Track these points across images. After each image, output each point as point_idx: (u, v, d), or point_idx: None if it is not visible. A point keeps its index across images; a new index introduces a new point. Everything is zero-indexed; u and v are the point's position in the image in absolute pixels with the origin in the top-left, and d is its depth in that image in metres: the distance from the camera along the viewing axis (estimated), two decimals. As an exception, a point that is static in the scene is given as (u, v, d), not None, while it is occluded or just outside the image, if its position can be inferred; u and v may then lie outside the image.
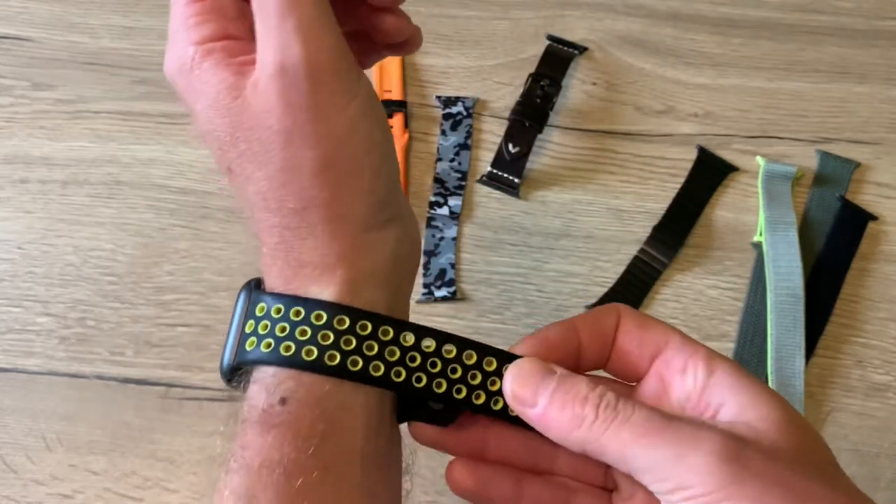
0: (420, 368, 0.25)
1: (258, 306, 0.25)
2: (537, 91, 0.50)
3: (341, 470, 0.23)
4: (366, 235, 0.25)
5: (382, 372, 0.24)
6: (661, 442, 0.23)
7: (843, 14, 0.54)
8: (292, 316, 0.24)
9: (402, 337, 0.25)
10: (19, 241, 0.47)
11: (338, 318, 0.24)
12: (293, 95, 0.23)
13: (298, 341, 0.24)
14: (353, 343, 0.24)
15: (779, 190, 0.48)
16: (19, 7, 0.54)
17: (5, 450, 0.42)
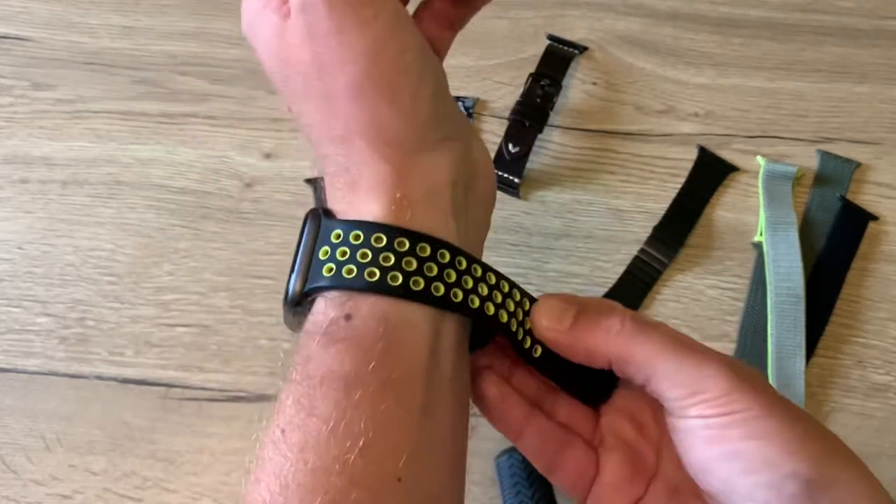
0: (473, 291, 0.26)
1: (320, 233, 0.26)
2: (537, 91, 0.50)
3: (402, 386, 0.24)
4: (416, 156, 0.26)
5: (443, 292, 0.25)
6: (682, 352, 0.26)
7: (843, 14, 0.54)
8: (352, 239, 0.25)
9: (456, 261, 0.25)
10: (19, 241, 0.47)
11: (398, 240, 0.25)
12: (317, 25, 0.24)
13: (360, 263, 0.24)
14: (414, 264, 0.25)
15: (779, 190, 0.48)
16: (19, 7, 0.54)
17: (5, 450, 0.42)
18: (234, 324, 0.44)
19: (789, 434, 0.25)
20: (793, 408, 0.26)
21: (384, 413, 0.23)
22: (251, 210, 0.48)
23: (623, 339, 0.27)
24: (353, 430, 0.23)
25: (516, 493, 0.39)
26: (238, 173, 0.49)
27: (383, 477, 0.23)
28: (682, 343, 0.26)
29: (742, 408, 0.25)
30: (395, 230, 0.25)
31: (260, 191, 0.48)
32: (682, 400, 0.26)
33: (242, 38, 0.28)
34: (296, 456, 0.23)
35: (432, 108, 0.26)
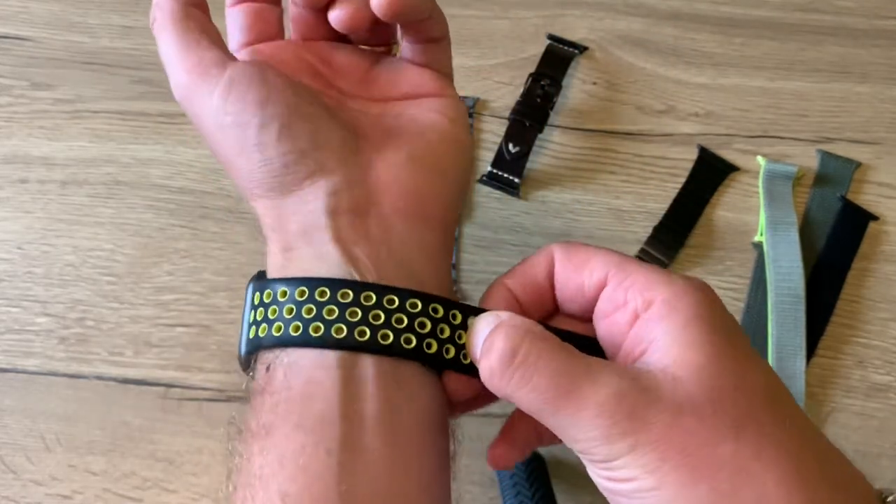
0: (385, 325, 0.25)
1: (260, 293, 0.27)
2: (537, 91, 0.50)
3: (314, 427, 0.24)
4: (284, 200, 0.27)
5: (345, 334, 0.25)
6: (562, 409, 0.23)
7: (844, 14, 0.54)
8: (258, 300, 0.26)
9: (363, 296, 0.25)
10: (18, 242, 0.47)
11: (280, 291, 0.26)
12: (187, 112, 0.28)
13: (269, 320, 0.26)
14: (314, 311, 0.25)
15: (780, 190, 0.48)
16: (18, 6, 0.54)
17: (4, 450, 0.41)
18: (234, 324, 0.44)
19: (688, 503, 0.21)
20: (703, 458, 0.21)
21: (297, 454, 0.23)
22: (251, 210, 0.47)
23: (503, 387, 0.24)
24: (271, 477, 0.23)
25: (516, 494, 0.39)
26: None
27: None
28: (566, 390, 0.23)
29: (629, 476, 0.22)
30: (290, 281, 0.26)
31: (260, 191, 0.48)
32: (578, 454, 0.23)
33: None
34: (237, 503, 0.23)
35: (282, 151, 0.27)
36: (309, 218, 0.27)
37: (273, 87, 0.27)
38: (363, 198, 0.27)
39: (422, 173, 0.28)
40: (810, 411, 0.43)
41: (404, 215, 0.28)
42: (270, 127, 0.26)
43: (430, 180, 0.29)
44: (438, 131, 0.30)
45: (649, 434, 0.22)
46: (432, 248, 0.28)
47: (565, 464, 0.41)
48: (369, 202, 0.27)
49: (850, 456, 0.42)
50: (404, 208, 0.28)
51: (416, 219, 0.28)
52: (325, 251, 0.26)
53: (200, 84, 0.27)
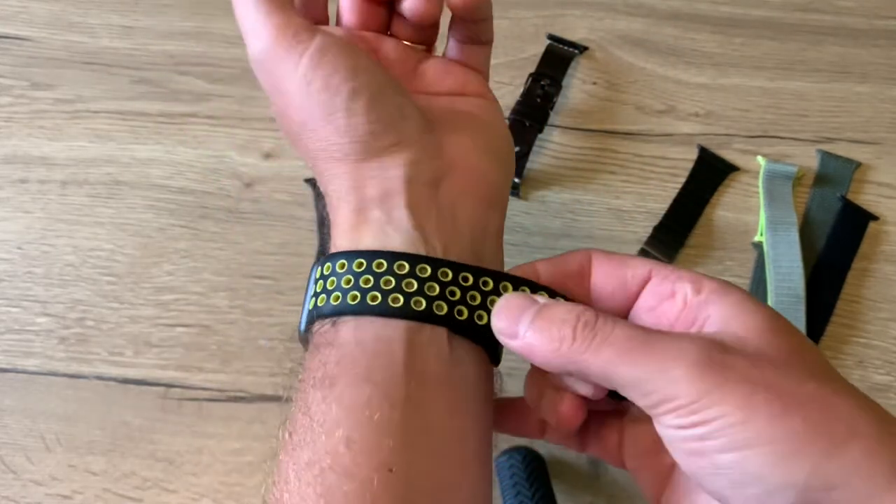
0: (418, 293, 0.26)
1: (321, 267, 0.28)
2: (537, 90, 0.50)
3: (381, 381, 0.25)
4: (365, 164, 0.28)
5: (401, 303, 0.26)
6: (641, 358, 0.23)
7: (844, 14, 0.54)
8: (325, 272, 0.27)
9: (418, 268, 0.26)
10: (18, 242, 0.47)
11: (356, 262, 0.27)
12: (262, 75, 0.29)
13: (328, 291, 0.27)
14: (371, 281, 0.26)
15: (780, 190, 0.48)
16: (18, 6, 0.54)
17: (4, 450, 0.41)
18: (234, 324, 0.44)
19: (777, 435, 0.21)
20: (790, 393, 0.22)
21: (364, 405, 0.24)
22: (251, 210, 0.47)
23: (574, 353, 0.24)
24: (337, 423, 0.24)
25: (516, 494, 0.39)
26: (238, 173, 0.49)
27: (373, 468, 0.23)
28: (642, 342, 0.23)
29: (716, 415, 0.22)
30: (352, 254, 0.27)
31: (259, 191, 0.48)
32: (653, 409, 0.23)
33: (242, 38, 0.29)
34: (296, 453, 0.24)
35: (370, 119, 0.27)
36: (387, 184, 0.28)
37: (362, 58, 0.28)
38: (439, 171, 0.29)
39: (487, 159, 0.30)
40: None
41: (472, 195, 0.29)
42: (362, 95, 0.27)
43: (493, 167, 0.30)
44: (493, 124, 0.32)
45: (734, 372, 0.22)
46: (492, 228, 0.30)
47: (565, 464, 0.41)
48: (443, 177, 0.29)
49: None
50: (473, 189, 0.29)
51: (481, 200, 0.29)
52: (398, 216, 0.27)
53: (288, 47, 0.27)
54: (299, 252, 0.46)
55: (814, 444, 0.21)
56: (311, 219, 0.47)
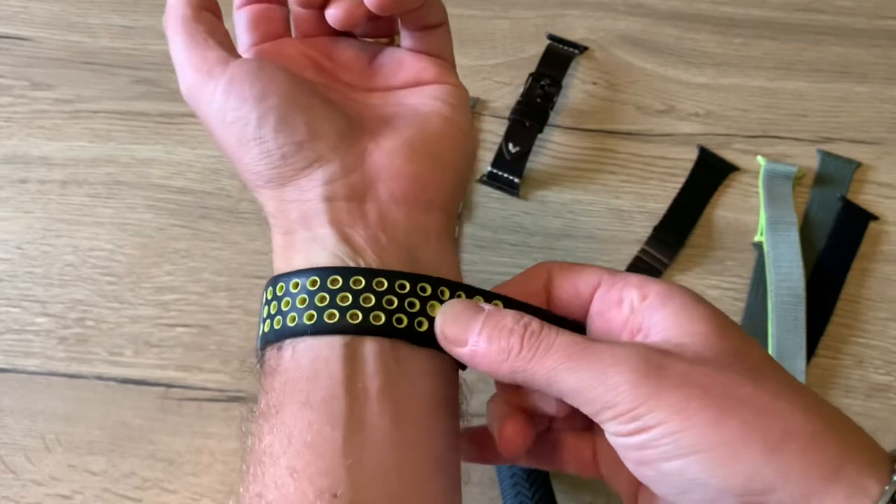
0: (354, 306, 0.26)
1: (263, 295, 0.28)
2: (537, 90, 0.50)
3: (319, 405, 0.24)
4: (284, 189, 0.28)
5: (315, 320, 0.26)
6: (583, 364, 0.23)
7: (844, 14, 0.54)
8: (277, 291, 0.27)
9: (329, 281, 0.26)
10: (18, 242, 0.47)
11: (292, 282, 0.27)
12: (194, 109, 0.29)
13: (271, 315, 0.27)
14: (307, 300, 0.26)
15: (780, 190, 0.48)
16: (18, 6, 0.54)
17: (4, 450, 0.41)
18: (234, 324, 0.44)
19: (714, 441, 0.21)
20: (727, 397, 0.22)
21: (304, 431, 0.24)
22: (250, 210, 0.47)
23: (521, 362, 0.24)
24: (281, 452, 0.24)
25: (516, 494, 0.39)
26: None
27: (317, 494, 0.23)
28: (583, 349, 0.24)
29: (654, 422, 0.22)
30: (287, 276, 0.27)
31: (260, 191, 0.48)
32: (597, 416, 0.23)
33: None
34: (249, 487, 0.24)
35: (279, 144, 0.27)
36: (307, 206, 0.28)
37: (270, 80, 0.28)
38: (359, 185, 0.28)
39: (419, 159, 0.29)
40: (810, 411, 0.43)
41: (402, 201, 0.28)
42: (268, 120, 0.27)
43: (428, 166, 0.29)
44: (439, 118, 0.30)
45: (672, 378, 0.22)
46: (433, 231, 0.29)
47: (565, 464, 0.41)
48: (365, 189, 0.28)
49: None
50: (401, 194, 0.28)
51: (415, 204, 0.28)
52: (322, 234, 0.27)
53: (204, 83, 0.28)
54: (299, 252, 0.46)
55: (750, 448, 0.21)
56: (310, 219, 0.47)
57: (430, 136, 0.30)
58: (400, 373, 0.26)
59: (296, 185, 0.28)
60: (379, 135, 0.29)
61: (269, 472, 0.23)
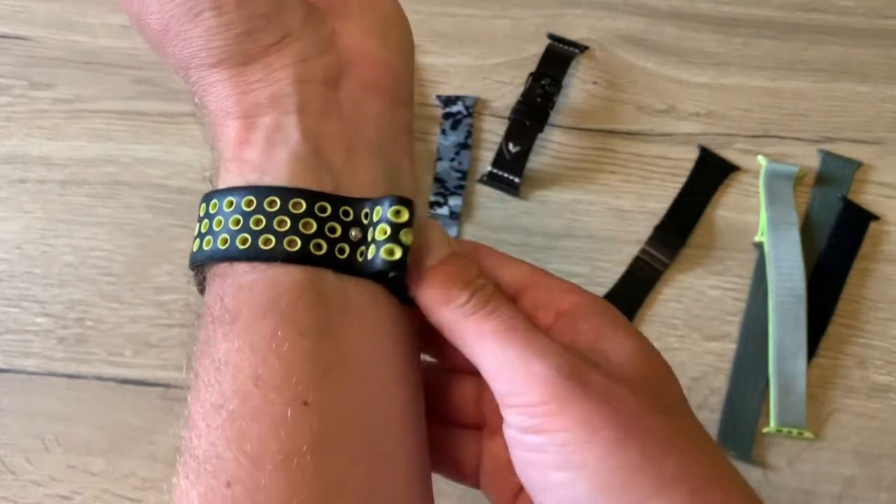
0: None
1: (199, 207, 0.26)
2: (538, 90, 0.49)
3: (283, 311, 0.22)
4: (246, 68, 0.24)
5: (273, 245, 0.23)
6: (515, 343, 0.22)
7: (844, 13, 0.54)
8: (210, 209, 0.25)
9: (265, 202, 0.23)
10: (17, 242, 0.47)
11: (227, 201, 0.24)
12: None
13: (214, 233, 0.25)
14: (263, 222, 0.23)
15: (780, 190, 0.47)
16: (18, 6, 0.54)
17: (3, 451, 0.41)
18: (234, 324, 0.44)
19: (612, 464, 0.21)
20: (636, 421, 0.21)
21: (269, 338, 0.22)
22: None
23: (458, 316, 0.23)
24: (241, 361, 0.22)
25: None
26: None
27: (286, 403, 0.21)
28: (522, 330, 0.22)
29: (558, 426, 0.21)
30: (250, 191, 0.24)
31: (259, 190, 0.48)
32: (504, 399, 0.22)
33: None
34: (201, 396, 0.22)
35: (243, 16, 0.24)
36: (275, 86, 0.24)
37: None
38: (333, 68, 0.25)
39: (387, 46, 0.26)
40: (811, 412, 0.43)
41: (376, 90, 0.26)
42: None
43: (395, 55, 0.27)
44: (383, 3, 0.28)
45: (590, 387, 0.22)
46: (402, 126, 0.26)
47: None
48: (339, 74, 0.25)
49: (850, 456, 0.42)
50: (376, 83, 0.26)
51: (387, 95, 0.26)
52: (288, 123, 0.24)
53: None
54: (299, 252, 0.46)
55: (643, 479, 0.21)
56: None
57: (389, 22, 0.27)
58: (362, 284, 0.24)
59: (262, 64, 0.24)
60: (341, 15, 0.26)
61: (228, 381, 0.22)
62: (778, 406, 0.42)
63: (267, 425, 0.21)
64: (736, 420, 0.43)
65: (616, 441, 0.21)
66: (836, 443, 0.42)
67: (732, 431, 0.42)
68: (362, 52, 0.26)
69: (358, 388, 0.23)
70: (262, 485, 0.20)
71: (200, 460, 0.21)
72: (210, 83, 0.25)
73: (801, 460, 0.42)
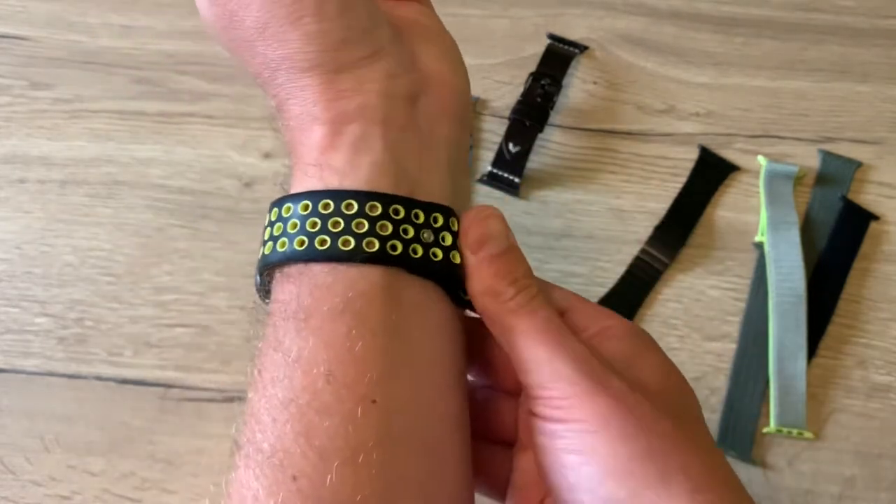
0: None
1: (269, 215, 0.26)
2: (538, 90, 0.49)
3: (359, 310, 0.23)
4: (338, 76, 0.25)
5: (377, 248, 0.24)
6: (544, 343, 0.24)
7: (844, 13, 0.54)
8: (283, 213, 0.25)
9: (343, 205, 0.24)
10: (17, 242, 0.47)
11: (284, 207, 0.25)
12: None
13: (288, 235, 0.25)
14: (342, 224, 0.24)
15: (780, 190, 0.47)
16: (18, 6, 0.54)
17: (3, 451, 0.41)
18: (233, 324, 0.44)
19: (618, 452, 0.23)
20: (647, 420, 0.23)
21: (344, 336, 0.23)
22: (250, 210, 0.47)
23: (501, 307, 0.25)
24: (315, 357, 0.23)
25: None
26: (237, 173, 0.49)
27: (356, 401, 0.22)
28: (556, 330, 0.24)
29: (578, 417, 0.23)
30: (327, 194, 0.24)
31: (259, 190, 0.48)
32: (531, 389, 0.24)
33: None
34: (268, 392, 0.23)
35: (343, 25, 0.25)
36: (364, 98, 0.25)
37: None
38: (416, 87, 0.27)
39: (456, 74, 0.28)
40: (811, 412, 0.43)
41: (448, 113, 0.27)
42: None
43: (463, 80, 0.28)
44: (442, 32, 0.29)
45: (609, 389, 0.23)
46: (465, 147, 0.28)
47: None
48: (419, 93, 0.27)
49: (850, 456, 0.42)
50: (449, 106, 0.27)
51: (456, 118, 0.28)
52: (373, 133, 0.25)
53: None
54: (299, 252, 0.46)
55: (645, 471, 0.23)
56: (310, 219, 0.47)
57: (453, 53, 0.29)
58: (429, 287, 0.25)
59: (354, 74, 0.25)
60: (416, 39, 0.28)
61: (299, 377, 0.23)
62: (778, 406, 0.42)
63: (337, 421, 0.22)
64: (736, 420, 0.43)
65: (625, 433, 0.23)
66: (836, 443, 0.42)
67: (732, 431, 0.42)
68: (439, 76, 0.27)
69: (422, 389, 0.24)
70: (329, 479, 0.21)
71: (266, 454, 0.22)
72: (300, 86, 0.25)
73: (801, 460, 0.42)
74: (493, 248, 0.25)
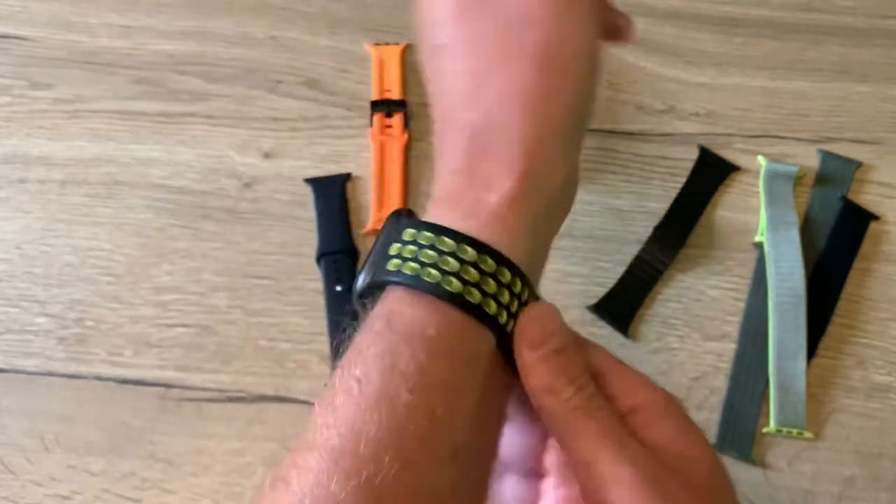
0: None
1: (400, 232, 0.26)
2: (538, 90, 0.49)
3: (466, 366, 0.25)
4: (551, 150, 0.26)
5: (494, 311, 0.25)
6: (606, 446, 0.25)
7: (844, 13, 0.54)
8: (422, 241, 0.25)
9: (513, 282, 0.25)
10: (17, 242, 0.47)
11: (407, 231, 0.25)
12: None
13: (422, 262, 0.25)
14: (474, 274, 0.25)
15: (780, 190, 0.47)
16: (18, 6, 0.54)
17: (3, 451, 0.41)
18: (233, 324, 0.44)
19: None
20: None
21: (454, 383, 0.24)
22: (250, 210, 0.47)
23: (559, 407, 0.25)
24: (428, 394, 0.23)
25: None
26: (237, 173, 0.49)
27: (442, 449, 0.23)
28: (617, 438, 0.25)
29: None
30: (464, 238, 0.25)
31: (259, 190, 0.48)
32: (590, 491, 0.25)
33: (241, 38, 0.28)
34: (370, 408, 0.23)
35: (579, 118, 0.26)
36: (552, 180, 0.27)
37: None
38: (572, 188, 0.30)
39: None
40: (811, 412, 0.43)
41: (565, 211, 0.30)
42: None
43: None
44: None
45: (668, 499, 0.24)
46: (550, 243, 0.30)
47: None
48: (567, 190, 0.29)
49: (850, 456, 0.42)
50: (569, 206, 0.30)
51: (565, 215, 0.30)
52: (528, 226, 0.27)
53: None
54: (299, 252, 0.46)
55: None
56: (310, 219, 0.47)
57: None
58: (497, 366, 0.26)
59: (561, 157, 0.27)
60: None
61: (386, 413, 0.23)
62: (778, 406, 0.42)
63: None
64: (736, 420, 0.43)
65: None
66: (836, 443, 0.42)
67: (732, 431, 0.42)
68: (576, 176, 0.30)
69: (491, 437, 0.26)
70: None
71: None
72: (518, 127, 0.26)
73: (801, 460, 0.42)
74: (552, 345, 0.26)
